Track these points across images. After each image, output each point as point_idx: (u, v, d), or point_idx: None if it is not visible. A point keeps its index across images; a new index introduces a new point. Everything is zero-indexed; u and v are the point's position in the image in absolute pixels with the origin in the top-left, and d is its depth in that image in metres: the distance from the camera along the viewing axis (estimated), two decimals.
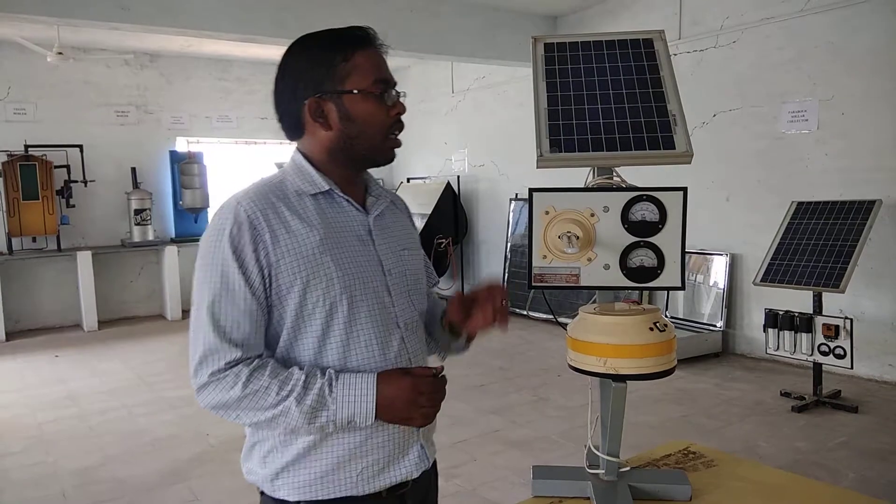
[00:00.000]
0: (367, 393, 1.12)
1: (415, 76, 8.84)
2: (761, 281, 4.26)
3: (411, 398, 1.14)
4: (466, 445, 3.66)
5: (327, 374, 1.13)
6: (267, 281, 1.12)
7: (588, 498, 1.36)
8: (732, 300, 5.35)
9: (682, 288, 1.30)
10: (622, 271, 1.30)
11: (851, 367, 3.93)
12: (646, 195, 1.28)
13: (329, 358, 1.15)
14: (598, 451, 1.36)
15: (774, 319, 4.25)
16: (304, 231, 1.15)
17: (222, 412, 1.12)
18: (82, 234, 7.40)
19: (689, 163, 1.21)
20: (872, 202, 4.07)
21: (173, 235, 7.70)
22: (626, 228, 1.29)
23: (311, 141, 1.23)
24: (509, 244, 7.37)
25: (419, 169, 8.82)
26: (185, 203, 7.55)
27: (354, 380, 1.13)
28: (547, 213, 1.30)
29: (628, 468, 1.39)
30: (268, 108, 1.29)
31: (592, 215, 1.29)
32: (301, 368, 1.13)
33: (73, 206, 7.13)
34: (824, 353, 4.02)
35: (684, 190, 1.29)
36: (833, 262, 3.97)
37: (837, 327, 3.95)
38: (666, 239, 1.29)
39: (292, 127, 1.24)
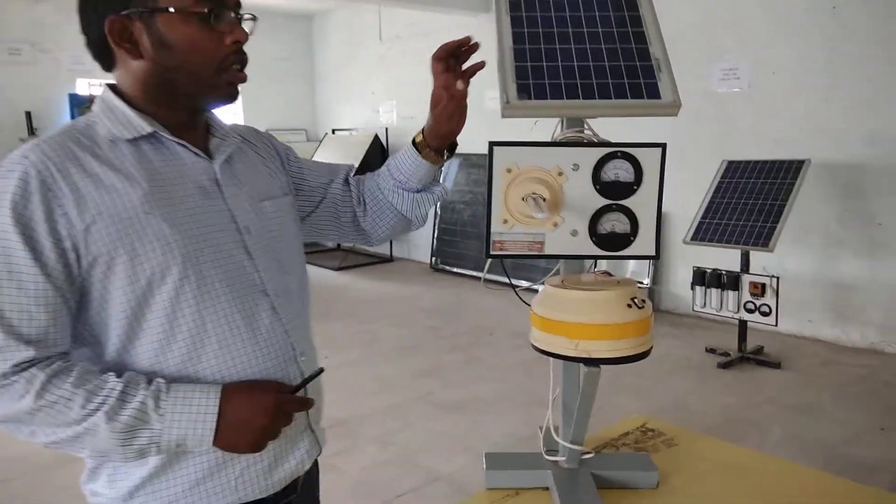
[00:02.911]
0: (205, 411, 0.90)
1: (339, 20, 8.40)
2: (691, 240, 4.27)
3: (265, 424, 0.93)
4: (399, 411, 3.53)
5: (155, 384, 0.90)
6: (73, 256, 0.88)
7: (546, 488, 1.23)
8: (662, 257, 5.39)
9: (657, 257, 1.17)
10: (591, 238, 1.15)
11: (776, 325, 4.01)
12: (620, 152, 1.12)
13: (181, 345, 0.94)
14: (558, 436, 1.23)
15: (702, 277, 4.28)
16: (121, 186, 0.91)
17: (12, 427, 0.88)
18: None
19: (676, 114, 1.06)
20: (801, 162, 4.11)
21: None
22: (597, 189, 1.14)
23: (123, 73, 0.98)
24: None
25: (345, 120, 8.47)
26: None
27: (192, 393, 0.90)
28: (509, 170, 1.13)
29: (591, 454, 1.27)
30: None
31: (560, 174, 1.13)
32: (119, 376, 0.89)
33: None
34: (750, 311, 4.09)
35: (663, 147, 1.14)
36: (763, 222, 4.00)
37: (764, 285, 4.01)
38: (640, 202, 1.14)
39: (99, 54, 0.98)
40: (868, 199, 4.32)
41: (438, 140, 1.15)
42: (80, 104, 7.02)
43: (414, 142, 1.18)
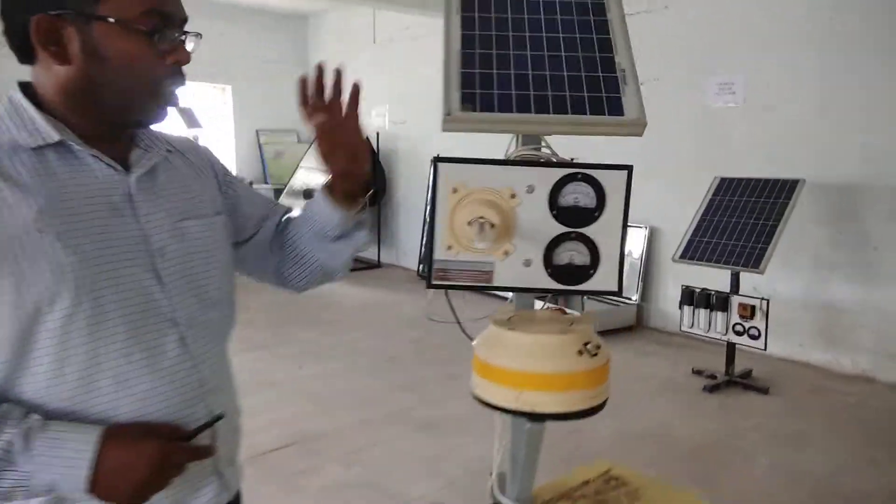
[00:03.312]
0: (80, 456, 0.80)
1: (333, 22, 8.29)
2: (680, 258, 4.14)
3: (144, 476, 0.82)
4: (370, 427, 3.39)
5: (28, 421, 0.80)
6: None
7: None
8: (649, 273, 5.27)
9: (619, 293, 1.04)
10: (546, 269, 1.02)
11: (765, 349, 3.88)
12: (581, 174, 0.99)
13: (72, 378, 0.83)
14: (502, 494, 1.09)
15: (690, 297, 4.16)
16: (13, 200, 0.80)
17: None
18: None
19: (641, 134, 0.93)
20: (796, 181, 3.99)
21: None
22: (553, 215, 1.01)
23: (42, 74, 0.88)
24: (429, 207, 7.07)
25: None
26: None
27: (68, 434, 0.80)
28: (455, 190, 1.00)
29: None
30: None
31: (513, 196, 1.00)
32: None
33: None
34: (739, 333, 3.96)
35: (629, 169, 1.01)
36: (754, 242, 3.88)
37: (754, 308, 3.89)
38: (602, 230, 1.01)
39: (19, 48, 0.88)
40: (863, 221, 4.20)
41: (346, 184, 1.04)
42: None
43: (325, 186, 1.07)
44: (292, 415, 3.49)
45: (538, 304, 1.11)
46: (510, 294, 1.12)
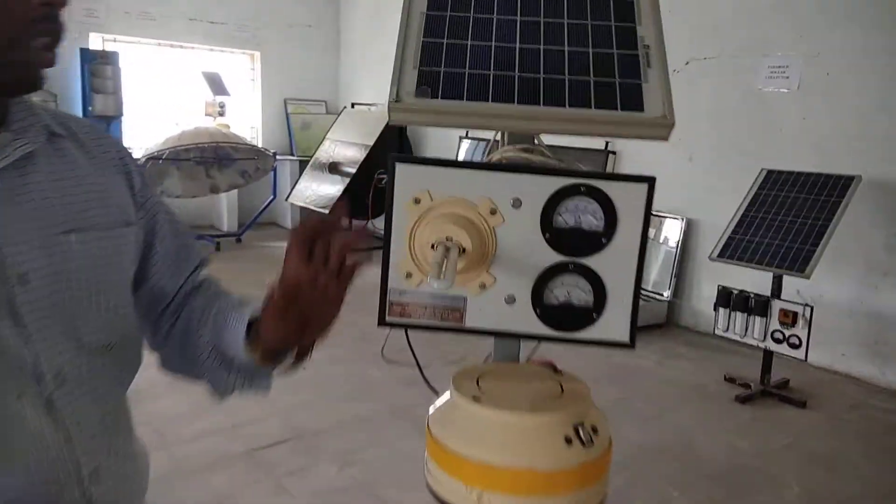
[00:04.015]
0: None
1: None
2: (718, 256, 3.83)
3: None
4: (368, 423, 3.19)
5: None
6: None
7: None
8: (683, 269, 4.95)
9: (632, 346, 0.79)
10: (535, 310, 0.78)
11: (806, 360, 3.57)
12: (585, 185, 0.74)
13: None
14: None
15: (727, 298, 3.85)
16: None
17: None
18: None
19: (666, 137, 0.67)
20: (851, 178, 3.63)
21: None
22: (546, 239, 0.76)
23: None
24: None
25: (366, 94, 8.08)
26: (95, 109, 6.70)
27: None
28: (417, 201, 0.76)
29: None
30: (198, 7, 0.69)
31: (493, 212, 0.75)
32: None
33: None
34: (778, 341, 3.65)
35: (650, 182, 0.75)
36: (801, 243, 3.55)
37: (796, 314, 3.57)
38: (612, 261, 0.76)
39: None
40: None
41: (279, 343, 0.79)
42: (91, 60, 6.76)
43: (251, 324, 0.80)
44: (291, 405, 3.30)
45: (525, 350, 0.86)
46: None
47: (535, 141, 0.78)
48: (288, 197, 7.22)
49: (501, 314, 0.78)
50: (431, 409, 0.75)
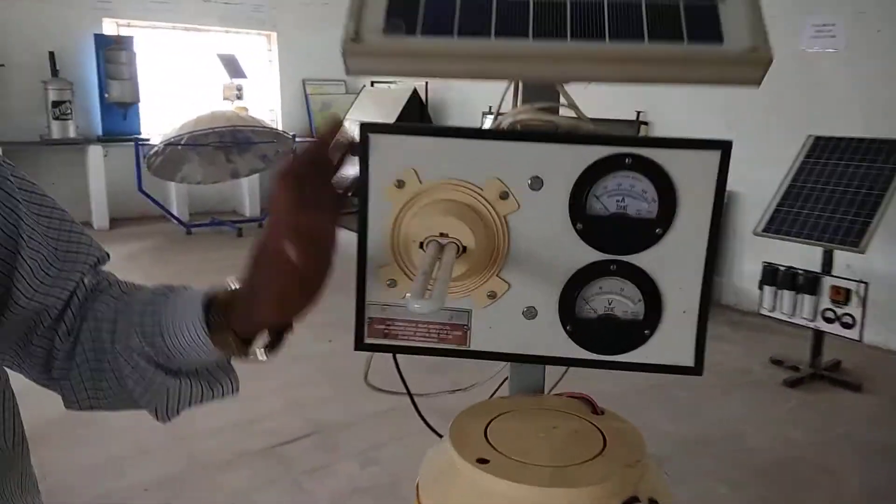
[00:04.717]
0: None
1: None
2: (763, 231, 3.57)
3: None
4: (393, 416, 3.01)
5: None
6: None
7: None
8: (725, 244, 4.68)
9: (698, 371, 0.58)
10: (564, 326, 0.57)
11: (860, 340, 3.31)
12: (631, 155, 0.53)
13: None
14: None
15: (773, 276, 3.58)
16: None
17: None
18: None
19: (759, 81, 0.45)
20: None
21: (100, 133, 6.77)
22: (578, 231, 0.55)
23: None
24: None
25: None
26: (111, 96, 6.59)
27: None
28: (401, 185, 0.56)
29: None
30: None
31: (504, 197, 0.55)
32: None
33: None
34: (829, 321, 3.38)
35: (725, 147, 0.54)
36: (854, 215, 3.27)
37: (849, 292, 3.30)
38: (670, 260, 0.55)
39: None
40: None
41: (254, 325, 0.60)
42: (105, 45, 6.64)
43: (210, 305, 0.60)
44: (313, 399, 3.16)
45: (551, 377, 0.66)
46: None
47: (560, 98, 0.57)
48: None
49: (518, 332, 0.58)
50: (423, 466, 0.56)
